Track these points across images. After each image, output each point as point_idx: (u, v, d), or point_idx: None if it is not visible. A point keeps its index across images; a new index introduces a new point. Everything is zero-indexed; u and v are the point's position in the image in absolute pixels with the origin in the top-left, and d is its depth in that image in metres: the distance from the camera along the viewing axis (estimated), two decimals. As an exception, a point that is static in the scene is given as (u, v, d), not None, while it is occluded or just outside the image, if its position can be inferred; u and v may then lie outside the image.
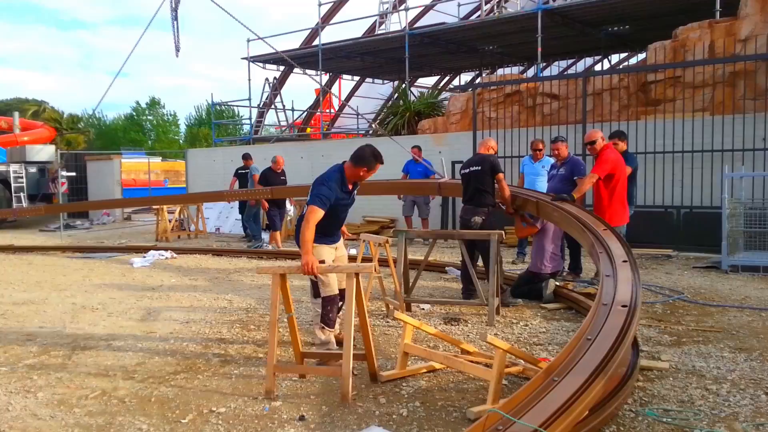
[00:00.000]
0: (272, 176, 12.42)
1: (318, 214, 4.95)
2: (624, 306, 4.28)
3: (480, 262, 7.30)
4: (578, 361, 3.57)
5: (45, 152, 21.34)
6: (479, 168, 7.33)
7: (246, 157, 14.16)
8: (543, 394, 3.27)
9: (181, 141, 58.30)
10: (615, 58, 24.90)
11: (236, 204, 16.31)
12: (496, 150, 7.80)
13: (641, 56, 20.61)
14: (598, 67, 23.94)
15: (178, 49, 12.21)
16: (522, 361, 4.64)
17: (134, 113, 60.22)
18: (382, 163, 5.26)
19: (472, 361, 4.61)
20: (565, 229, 7.13)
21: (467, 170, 7.47)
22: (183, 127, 60.62)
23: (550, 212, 7.08)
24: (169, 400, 4.38)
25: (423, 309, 7.05)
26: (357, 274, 4.41)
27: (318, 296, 5.32)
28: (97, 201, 20.19)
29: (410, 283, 6.97)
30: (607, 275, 4.98)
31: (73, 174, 21.59)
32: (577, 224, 6.38)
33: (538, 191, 8.28)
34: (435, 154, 13.51)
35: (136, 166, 28.60)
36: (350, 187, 5.29)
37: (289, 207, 13.86)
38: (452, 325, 6.33)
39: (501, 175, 7.28)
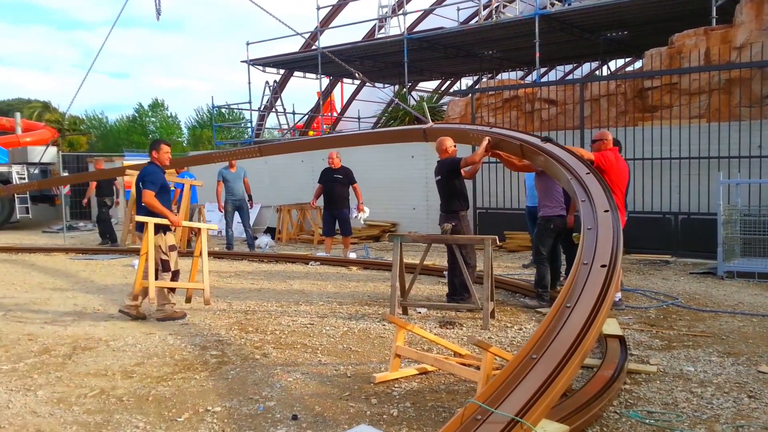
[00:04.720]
0: (326, 173, 11.59)
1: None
2: (603, 266, 4.22)
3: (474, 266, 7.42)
4: (554, 338, 3.60)
5: (48, 153, 21.44)
6: (439, 177, 7.67)
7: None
8: (520, 378, 3.29)
9: (184, 143, 58.35)
10: (615, 64, 25.00)
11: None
12: (455, 151, 7.76)
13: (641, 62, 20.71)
14: (597, 73, 24.04)
15: (159, 13, 12.31)
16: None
17: (137, 115, 60.30)
18: (167, 144, 7.41)
19: (462, 364, 4.70)
20: (548, 173, 6.86)
21: (436, 179, 7.78)
22: (184, 130, 60.68)
23: (534, 155, 6.81)
24: (166, 399, 4.48)
25: (419, 312, 7.15)
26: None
27: (167, 271, 7.11)
28: (62, 177, 19.54)
29: (406, 287, 7.08)
30: (589, 228, 4.88)
31: None
32: (561, 168, 6.14)
33: (522, 134, 7.80)
34: (436, 157, 13.54)
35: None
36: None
37: (359, 214, 11.62)
38: (447, 328, 6.42)
39: (461, 162, 7.40)
